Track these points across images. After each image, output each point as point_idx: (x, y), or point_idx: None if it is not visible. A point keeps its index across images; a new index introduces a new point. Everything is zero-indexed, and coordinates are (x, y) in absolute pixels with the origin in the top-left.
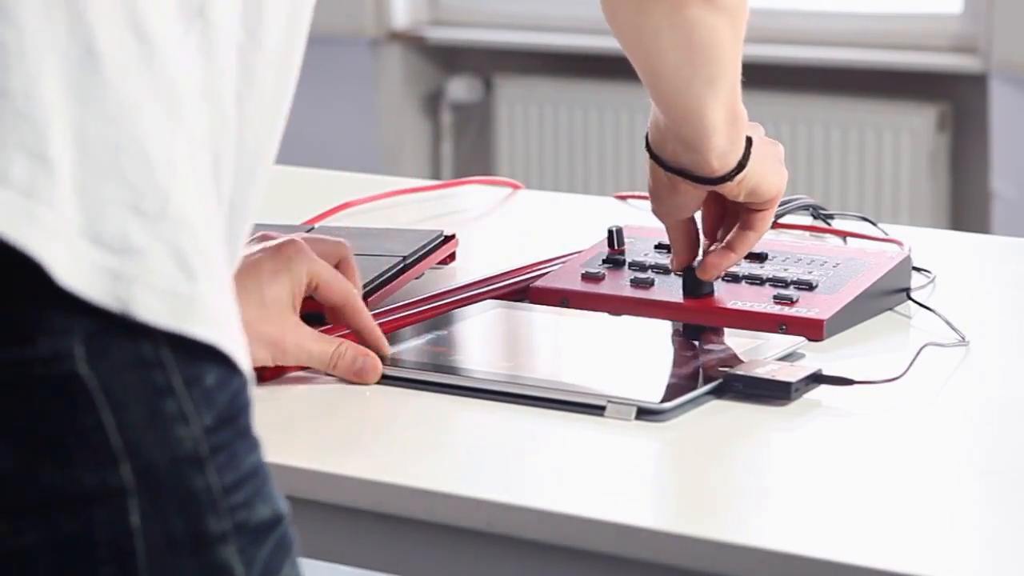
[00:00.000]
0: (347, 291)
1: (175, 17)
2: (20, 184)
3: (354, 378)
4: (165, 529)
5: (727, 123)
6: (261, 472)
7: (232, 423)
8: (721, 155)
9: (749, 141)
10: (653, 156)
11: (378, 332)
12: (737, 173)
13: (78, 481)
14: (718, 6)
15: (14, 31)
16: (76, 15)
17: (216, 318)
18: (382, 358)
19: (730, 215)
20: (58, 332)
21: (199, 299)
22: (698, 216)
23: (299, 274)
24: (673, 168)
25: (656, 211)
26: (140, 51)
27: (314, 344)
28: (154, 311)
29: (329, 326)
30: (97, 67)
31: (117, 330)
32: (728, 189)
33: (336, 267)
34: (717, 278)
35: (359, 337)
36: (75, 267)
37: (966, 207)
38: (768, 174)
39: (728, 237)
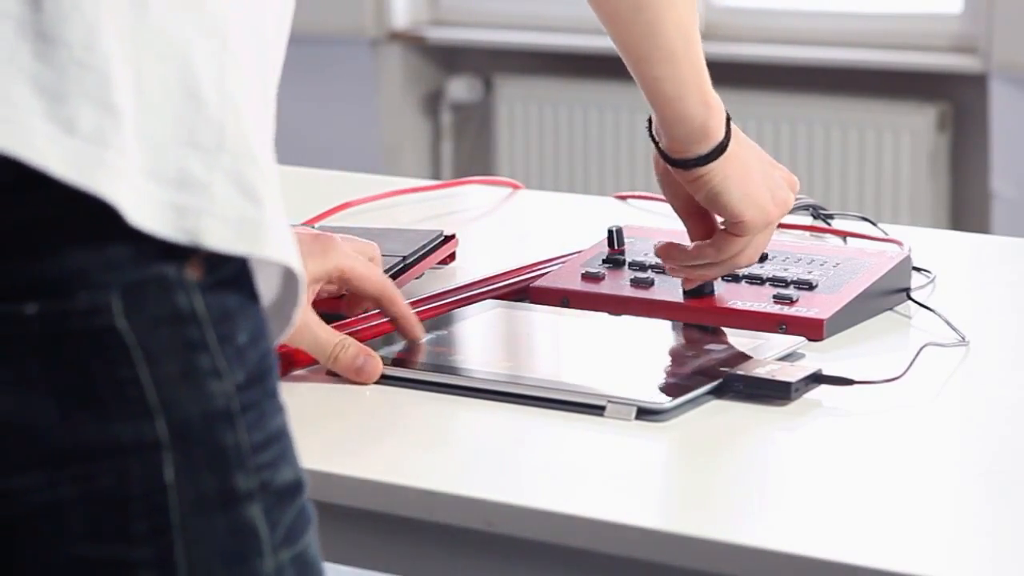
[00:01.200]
0: (383, 282)
1: None
2: (88, 133)
3: (353, 376)
4: (196, 485)
5: (691, 86)
6: (286, 435)
7: (261, 382)
8: (684, 137)
9: (723, 148)
10: (650, 132)
11: (415, 319)
12: (695, 165)
13: (114, 434)
14: None
15: None
16: None
17: (283, 240)
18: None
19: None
20: (97, 286)
21: (266, 223)
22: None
23: (329, 263)
24: (655, 142)
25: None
26: None
27: (320, 330)
28: (224, 239)
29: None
30: (147, 10)
31: (153, 284)
32: (685, 179)
33: None
34: (676, 273)
35: (397, 324)
36: (143, 206)
37: (966, 207)
38: (734, 196)
39: (707, 240)
